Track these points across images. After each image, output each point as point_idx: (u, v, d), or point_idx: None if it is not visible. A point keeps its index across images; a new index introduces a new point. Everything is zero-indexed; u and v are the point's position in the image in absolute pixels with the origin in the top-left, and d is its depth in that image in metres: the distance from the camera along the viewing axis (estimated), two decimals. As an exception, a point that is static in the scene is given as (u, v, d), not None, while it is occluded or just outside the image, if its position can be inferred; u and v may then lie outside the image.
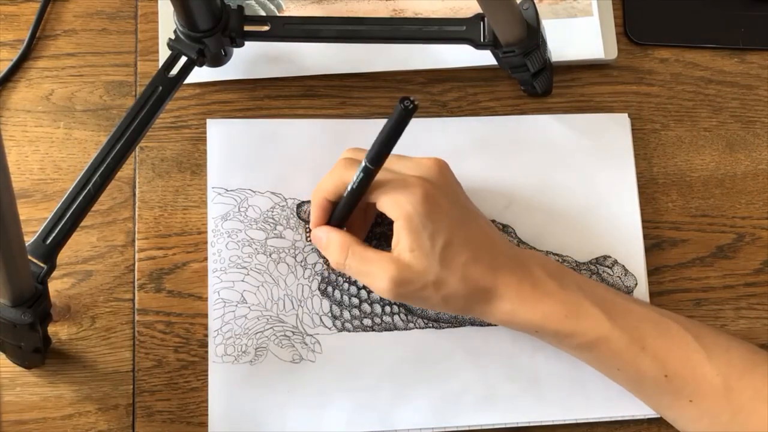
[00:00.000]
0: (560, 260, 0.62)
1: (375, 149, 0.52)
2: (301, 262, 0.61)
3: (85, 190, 0.55)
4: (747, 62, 0.70)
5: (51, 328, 0.58)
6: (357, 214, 0.57)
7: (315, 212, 0.57)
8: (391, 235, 0.54)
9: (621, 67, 0.68)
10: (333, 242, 0.56)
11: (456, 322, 0.61)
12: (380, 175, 0.54)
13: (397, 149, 0.52)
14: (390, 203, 0.54)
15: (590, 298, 0.55)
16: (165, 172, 0.63)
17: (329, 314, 0.60)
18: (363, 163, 0.52)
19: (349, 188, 0.54)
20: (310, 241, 0.61)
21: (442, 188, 0.55)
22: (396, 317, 0.60)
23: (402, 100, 0.48)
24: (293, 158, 0.63)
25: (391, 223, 0.55)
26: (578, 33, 0.67)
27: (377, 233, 0.61)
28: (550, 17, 0.67)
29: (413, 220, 0.53)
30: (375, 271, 0.54)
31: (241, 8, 0.61)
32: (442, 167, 0.56)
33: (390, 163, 0.54)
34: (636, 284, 0.63)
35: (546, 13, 0.67)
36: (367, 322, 0.60)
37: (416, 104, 0.49)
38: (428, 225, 0.53)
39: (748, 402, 0.52)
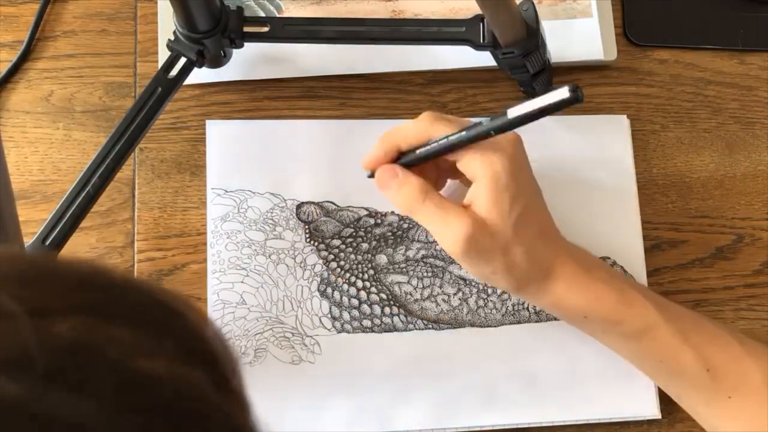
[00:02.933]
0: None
1: (515, 117, 0.48)
2: (301, 263, 0.61)
3: (85, 191, 0.55)
4: (746, 63, 0.70)
5: (50, 330, 0.57)
6: (428, 173, 0.55)
7: (377, 152, 0.54)
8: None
9: (620, 68, 0.68)
10: (410, 183, 0.52)
11: (455, 323, 0.61)
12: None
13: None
14: (479, 161, 0.51)
15: (637, 289, 0.55)
16: (164, 173, 0.62)
17: (329, 315, 0.60)
18: (482, 126, 0.49)
19: (442, 140, 0.51)
20: (310, 242, 0.61)
21: (524, 159, 0.54)
22: (395, 318, 0.60)
23: (574, 89, 0.45)
24: (293, 159, 0.63)
25: None
26: (578, 34, 0.67)
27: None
28: (550, 18, 0.67)
29: (500, 179, 0.51)
30: (450, 222, 0.51)
31: (240, 9, 0.61)
32: (522, 142, 0.54)
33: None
34: (636, 285, 0.63)
35: (545, 14, 0.67)
36: (367, 323, 0.60)
37: (581, 97, 0.45)
38: (512, 187, 0.51)
39: None
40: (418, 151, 0.53)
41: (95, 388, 0.22)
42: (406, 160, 0.53)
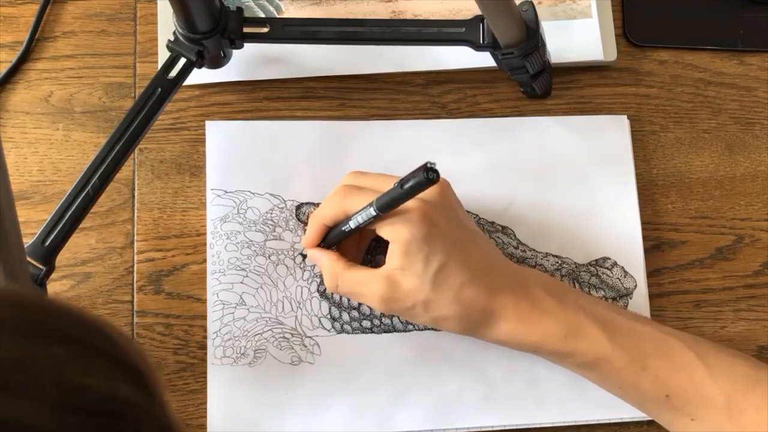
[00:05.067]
0: (560, 262, 0.62)
1: (386, 201, 0.52)
2: (300, 264, 0.61)
3: (84, 192, 0.55)
4: (746, 64, 0.70)
5: (50, 330, 0.57)
6: (351, 238, 0.57)
7: (311, 234, 0.57)
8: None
9: (620, 69, 0.68)
10: (324, 268, 0.57)
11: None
12: None
13: (396, 151, 0.52)
14: (388, 231, 0.54)
15: (590, 318, 0.54)
16: (164, 173, 0.62)
17: (328, 316, 0.60)
18: (371, 209, 0.52)
19: (351, 225, 0.54)
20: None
21: (441, 209, 0.55)
22: (395, 319, 0.60)
23: (426, 170, 0.48)
24: (292, 160, 0.63)
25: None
26: (577, 35, 0.67)
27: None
28: (550, 19, 0.67)
29: (409, 245, 0.53)
30: (366, 292, 0.55)
31: (240, 10, 0.61)
32: (444, 188, 0.56)
33: (389, 185, 0.52)
34: (635, 286, 0.63)
35: (545, 14, 0.67)
36: (366, 324, 0.60)
37: (438, 175, 0.48)
38: (424, 248, 0.53)
39: (751, 420, 0.51)
40: (331, 234, 0.57)
41: (36, 392, 0.26)
42: (331, 237, 0.57)
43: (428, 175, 0.48)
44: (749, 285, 0.65)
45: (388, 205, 0.52)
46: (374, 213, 0.53)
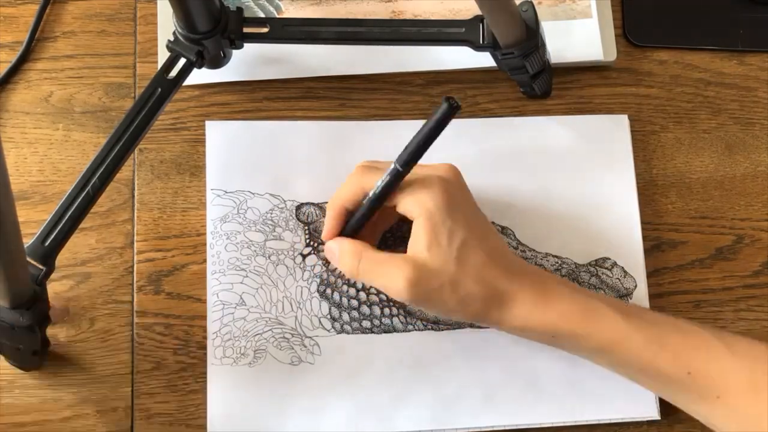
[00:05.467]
0: (559, 262, 0.62)
1: (411, 149, 0.51)
2: (300, 264, 0.61)
3: (84, 192, 0.55)
4: (746, 64, 0.70)
5: (49, 330, 0.57)
6: (368, 226, 0.56)
7: (330, 222, 0.56)
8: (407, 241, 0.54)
9: (620, 69, 0.68)
10: (345, 251, 0.55)
11: (455, 324, 0.61)
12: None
13: (396, 151, 0.52)
14: (412, 201, 0.53)
15: (604, 302, 0.55)
16: (164, 173, 0.62)
17: (328, 316, 0.60)
18: (393, 166, 0.52)
19: (372, 193, 0.54)
20: (310, 243, 0.61)
21: (458, 188, 0.55)
22: (395, 319, 0.60)
23: (447, 98, 0.48)
24: (292, 160, 0.63)
25: (404, 232, 0.54)
26: (577, 35, 0.67)
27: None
28: (549, 19, 0.67)
29: (434, 217, 0.52)
30: (390, 272, 0.53)
31: (240, 10, 0.61)
32: (457, 172, 0.56)
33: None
34: (635, 286, 0.63)
35: (545, 15, 0.67)
36: (366, 324, 0.60)
37: (460, 104, 0.48)
38: (447, 221, 0.52)
39: None
40: (351, 221, 0.55)
41: None
42: (352, 223, 0.55)
43: (450, 102, 0.47)
44: (749, 285, 0.65)
45: (412, 153, 0.51)
46: (399, 170, 0.52)
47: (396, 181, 0.53)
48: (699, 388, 0.52)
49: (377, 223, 0.58)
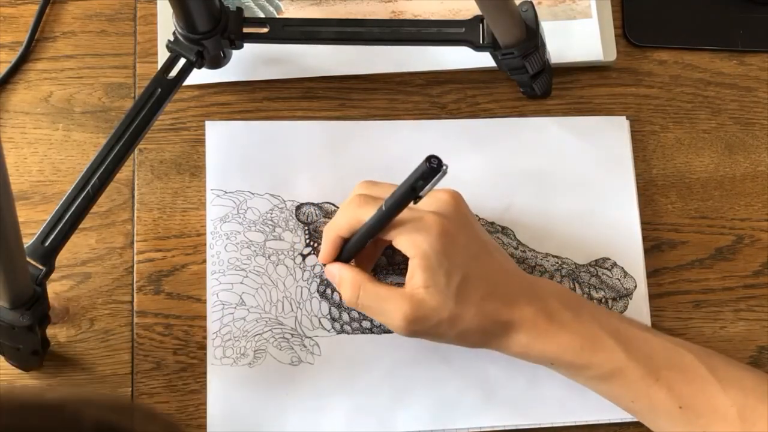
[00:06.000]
0: (559, 262, 0.62)
1: (395, 199, 0.51)
2: (300, 264, 0.61)
3: (84, 192, 0.55)
4: (746, 64, 0.70)
5: (49, 331, 0.57)
6: (366, 247, 0.57)
7: (326, 248, 0.56)
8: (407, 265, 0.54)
9: (620, 69, 0.68)
10: (345, 280, 0.55)
11: (455, 324, 0.61)
12: None
13: (396, 151, 0.52)
14: (406, 243, 0.53)
15: (606, 330, 0.54)
16: (164, 173, 0.62)
17: (328, 316, 0.60)
18: (382, 208, 0.52)
19: (364, 229, 0.54)
20: (309, 243, 0.61)
21: (458, 222, 0.55)
22: (395, 319, 0.60)
23: (429, 158, 0.47)
24: (292, 160, 0.63)
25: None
26: (577, 35, 0.67)
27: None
28: (549, 19, 0.67)
29: (429, 259, 0.52)
30: (388, 309, 0.53)
31: (240, 10, 0.61)
32: (458, 200, 0.56)
33: None
34: (635, 286, 0.63)
35: (545, 15, 0.67)
36: (366, 324, 0.60)
37: (444, 168, 0.48)
38: (444, 262, 0.53)
39: None
40: (347, 246, 0.56)
41: None
42: (349, 248, 0.56)
43: (430, 162, 0.47)
44: (749, 285, 0.65)
45: (396, 203, 0.51)
46: (374, 222, 0.52)
47: (385, 222, 0.53)
48: (688, 422, 0.53)
49: (377, 244, 0.58)
